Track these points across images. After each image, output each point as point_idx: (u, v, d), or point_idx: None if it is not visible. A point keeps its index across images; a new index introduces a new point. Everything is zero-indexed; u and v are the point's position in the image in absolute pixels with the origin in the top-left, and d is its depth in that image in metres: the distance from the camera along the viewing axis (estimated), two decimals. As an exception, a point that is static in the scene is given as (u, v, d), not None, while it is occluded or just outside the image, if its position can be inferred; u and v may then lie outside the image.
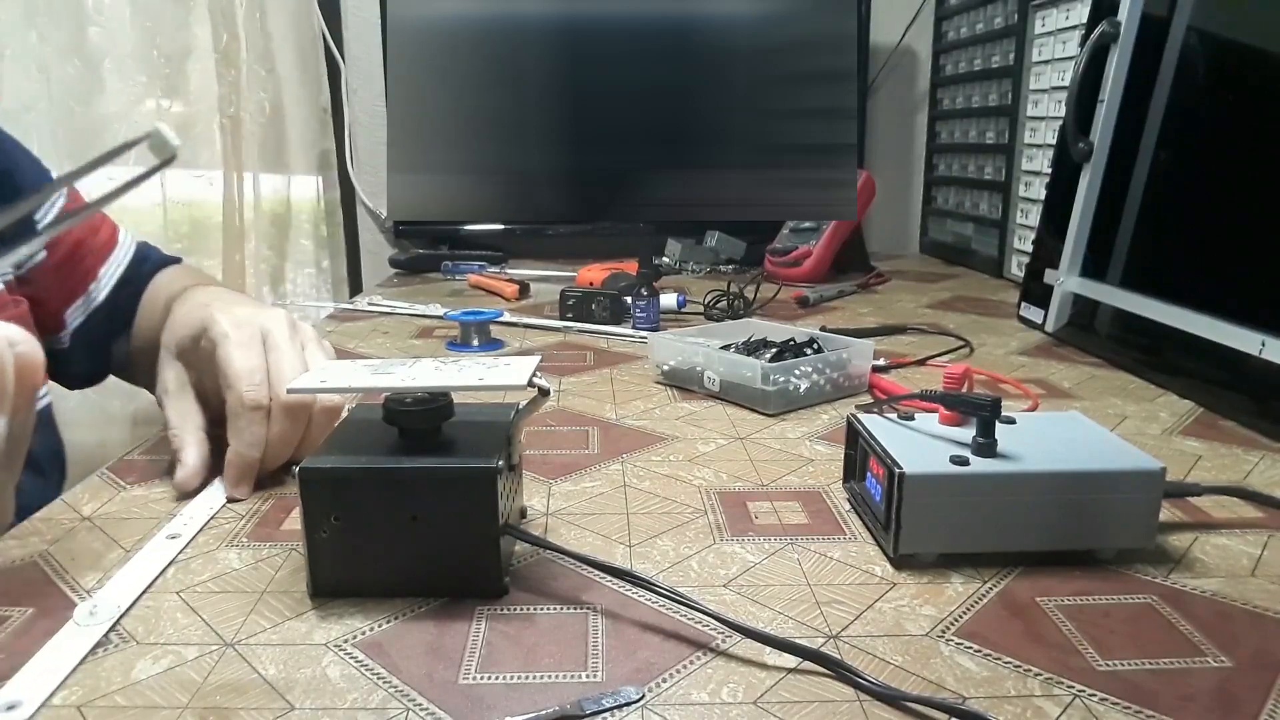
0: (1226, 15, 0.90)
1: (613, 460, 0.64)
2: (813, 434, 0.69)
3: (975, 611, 0.43)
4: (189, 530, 0.52)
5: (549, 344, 1.01)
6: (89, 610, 0.42)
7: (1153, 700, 0.36)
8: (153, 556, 0.48)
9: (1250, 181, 0.80)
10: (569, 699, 0.36)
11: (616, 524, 0.53)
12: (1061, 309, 1.02)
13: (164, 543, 0.50)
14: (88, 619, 0.41)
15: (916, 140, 1.84)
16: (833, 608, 0.44)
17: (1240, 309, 0.74)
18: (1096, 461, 0.48)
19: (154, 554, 0.49)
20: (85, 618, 0.41)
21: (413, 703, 0.36)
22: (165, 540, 0.50)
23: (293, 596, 0.45)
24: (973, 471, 0.47)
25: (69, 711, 0.36)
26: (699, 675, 0.38)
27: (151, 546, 0.50)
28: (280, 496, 0.57)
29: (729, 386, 0.77)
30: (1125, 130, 0.96)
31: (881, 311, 1.19)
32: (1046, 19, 1.29)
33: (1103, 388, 0.82)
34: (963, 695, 0.37)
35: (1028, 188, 1.34)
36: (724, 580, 0.46)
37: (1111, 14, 0.97)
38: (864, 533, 0.52)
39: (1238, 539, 0.51)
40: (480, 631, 0.42)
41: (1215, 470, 0.62)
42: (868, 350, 0.81)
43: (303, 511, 0.43)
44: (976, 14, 1.55)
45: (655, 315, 1.05)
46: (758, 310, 1.17)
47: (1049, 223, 1.11)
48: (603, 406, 0.77)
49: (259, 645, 0.40)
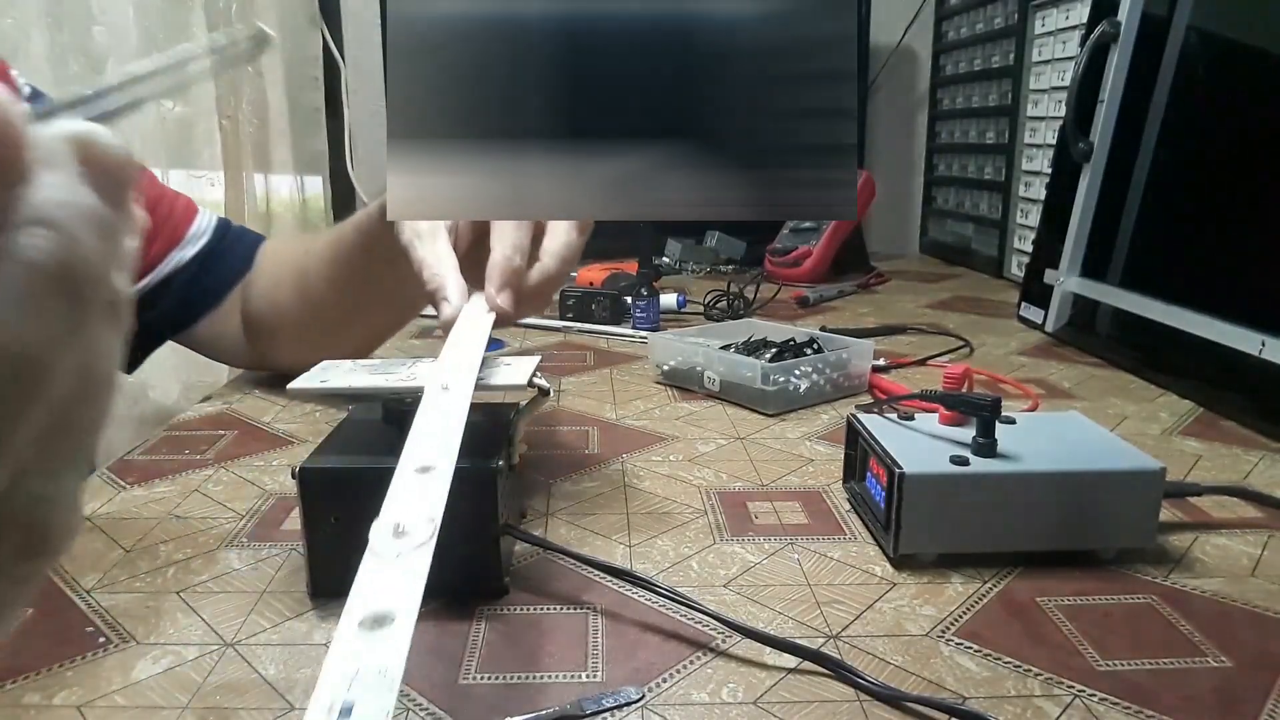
0: (1226, 15, 0.90)
1: (613, 460, 0.64)
2: (813, 434, 0.69)
3: (975, 611, 0.43)
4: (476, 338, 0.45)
5: (549, 344, 1.01)
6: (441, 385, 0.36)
7: (1153, 700, 0.36)
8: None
9: (1250, 181, 0.80)
10: (569, 699, 0.36)
11: (616, 524, 0.53)
12: (1061, 309, 1.02)
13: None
14: (441, 393, 0.36)
15: (916, 140, 1.84)
16: (833, 608, 0.44)
17: (1240, 309, 0.74)
18: (1096, 461, 0.48)
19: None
20: (438, 391, 0.36)
21: (413, 703, 0.36)
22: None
23: (293, 596, 0.45)
24: (973, 471, 0.47)
25: (69, 711, 0.36)
26: (699, 675, 0.38)
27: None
28: (280, 496, 0.57)
29: (729, 386, 0.77)
30: (1125, 130, 0.96)
31: (881, 311, 1.19)
32: (1046, 19, 1.29)
33: (1103, 388, 0.82)
34: (963, 695, 0.37)
35: (1028, 188, 1.34)
36: (724, 580, 0.46)
37: (1111, 14, 0.97)
38: (864, 533, 0.52)
39: (1238, 539, 0.51)
40: (480, 631, 0.42)
41: (1215, 470, 0.62)
42: (868, 350, 0.81)
43: (302, 511, 0.43)
44: (976, 14, 1.55)
45: (655, 315, 1.05)
46: (758, 310, 1.17)
47: (1049, 223, 1.11)
48: (603, 406, 0.77)
49: (259, 645, 0.40)
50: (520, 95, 0.36)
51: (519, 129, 0.37)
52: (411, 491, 0.27)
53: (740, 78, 0.36)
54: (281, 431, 0.70)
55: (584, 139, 0.36)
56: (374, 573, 0.23)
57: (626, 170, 0.36)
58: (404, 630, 0.19)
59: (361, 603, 0.21)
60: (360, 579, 0.23)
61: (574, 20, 0.35)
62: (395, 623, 0.20)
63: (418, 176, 0.37)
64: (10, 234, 0.13)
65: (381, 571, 0.23)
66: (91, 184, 0.14)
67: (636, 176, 0.36)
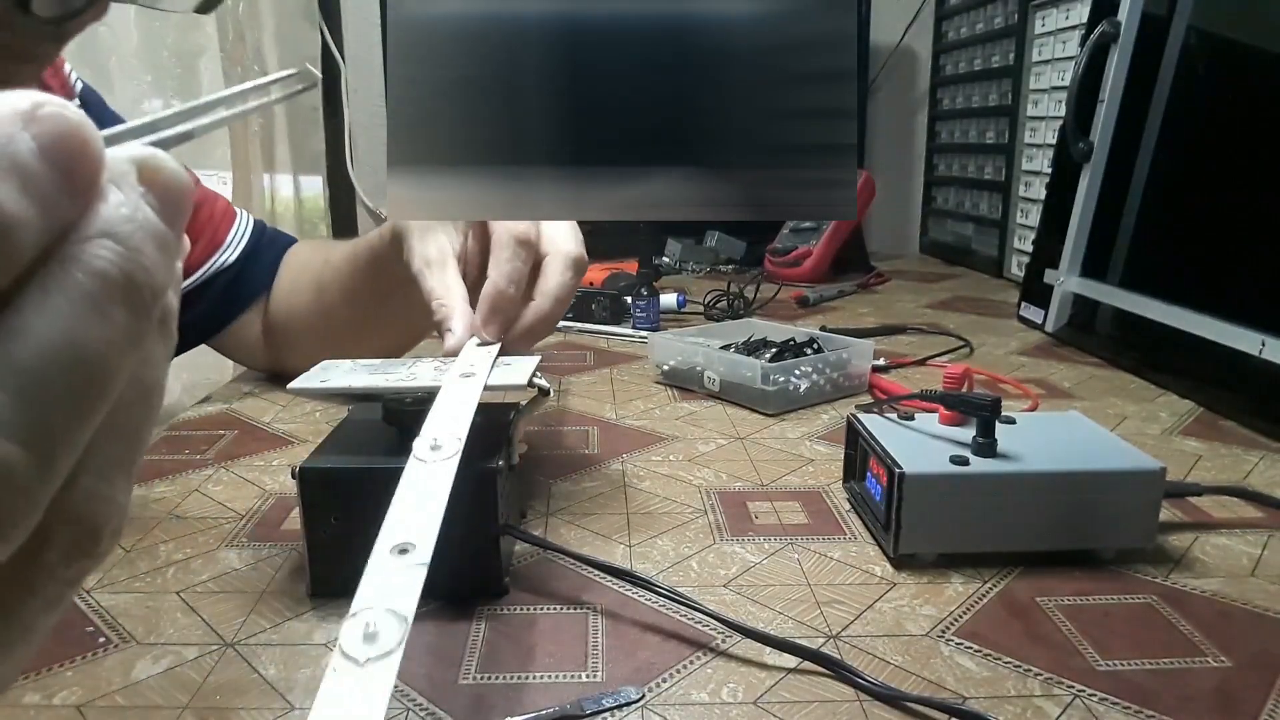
0: (1226, 15, 0.90)
1: (613, 460, 0.64)
2: (813, 434, 0.69)
3: (975, 611, 0.43)
4: (481, 368, 0.45)
5: (549, 344, 1.01)
6: (429, 444, 0.36)
7: (1153, 700, 0.36)
8: (461, 393, 0.42)
9: (1250, 181, 0.80)
10: (569, 699, 0.36)
11: (616, 524, 0.53)
12: (1061, 309, 1.02)
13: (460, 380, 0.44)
14: (429, 454, 0.36)
15: (916, 140, 1.84)
16: (833, 608, 0.44)
17: (1240, 309, 0.74)
18: (1096, 461, 0.48)
19: (459, 391, 0.42)
20: (426, 452, 0.36)
21: (413, 703, 0.36)
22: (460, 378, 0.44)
23: (293, 596, 0.45)
24: (973, 471, 0.47)
25: (69, 711, 0.36)
26: (699, 675, 0.38)
27: (449, 384, 0.43)
28: (280, 496, 0.57)
29: (729, 386, 0.77)
30: (1125, 130, 0.96)
31: (881, 311, 1.19)
32: (1046, 19, 1.29)
33: (1103, 388, 0.82)
34: (963, 695, 0.37)
35: (1028, 188, 1.34)
36: (724, 580, 0.46)
37: (1111, 14, 0.97)
38: (864, 533, 0.52)
39: (1238, 539, 0.51)
40: (480, 631, 0.42)
41: (1215, 470, 0.62)
42: (868, 350, 0.81)
43: (302, 511, 0.43)
44: (976, 14, 1.55)
45: (655, 315, 1.05)
46: (758, 310, 1.17)
47: (1049, 223, 1.11)
48: (603, 406, 0.77)
49: (259, 645, 0.40)
50: (520, 96, 0.36)
51: (519, 129, 0.37)
52: (389, 571, 0.27)
53: (740, 77, 0.36)
54: (281, 431, 0.70)
55: (584, 139, 0.36)
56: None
57: (626, 171, 0.36)
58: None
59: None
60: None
61: (574, 20, 0.35)
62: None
63: (418, 176, 0.37)
64: (81, 246, 0.14)
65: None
66: (152, 204, 0.15)
67: (636, 177, 0.36)
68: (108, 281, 0.14)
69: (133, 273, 0.14)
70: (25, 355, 0.13)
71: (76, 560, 0.15)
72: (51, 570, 0.15)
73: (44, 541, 0.15)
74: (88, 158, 0.14)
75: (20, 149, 0.13)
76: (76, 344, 0.14)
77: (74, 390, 0.14)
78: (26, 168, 0.13)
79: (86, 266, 0.14)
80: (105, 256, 0.14)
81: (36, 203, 0.13)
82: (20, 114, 0.13)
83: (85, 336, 0.14)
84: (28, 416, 0.13)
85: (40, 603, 0.15)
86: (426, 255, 0.54)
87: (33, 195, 0.13)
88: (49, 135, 0.14)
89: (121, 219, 0.14)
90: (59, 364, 0.13)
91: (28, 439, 0.13)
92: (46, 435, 0.13)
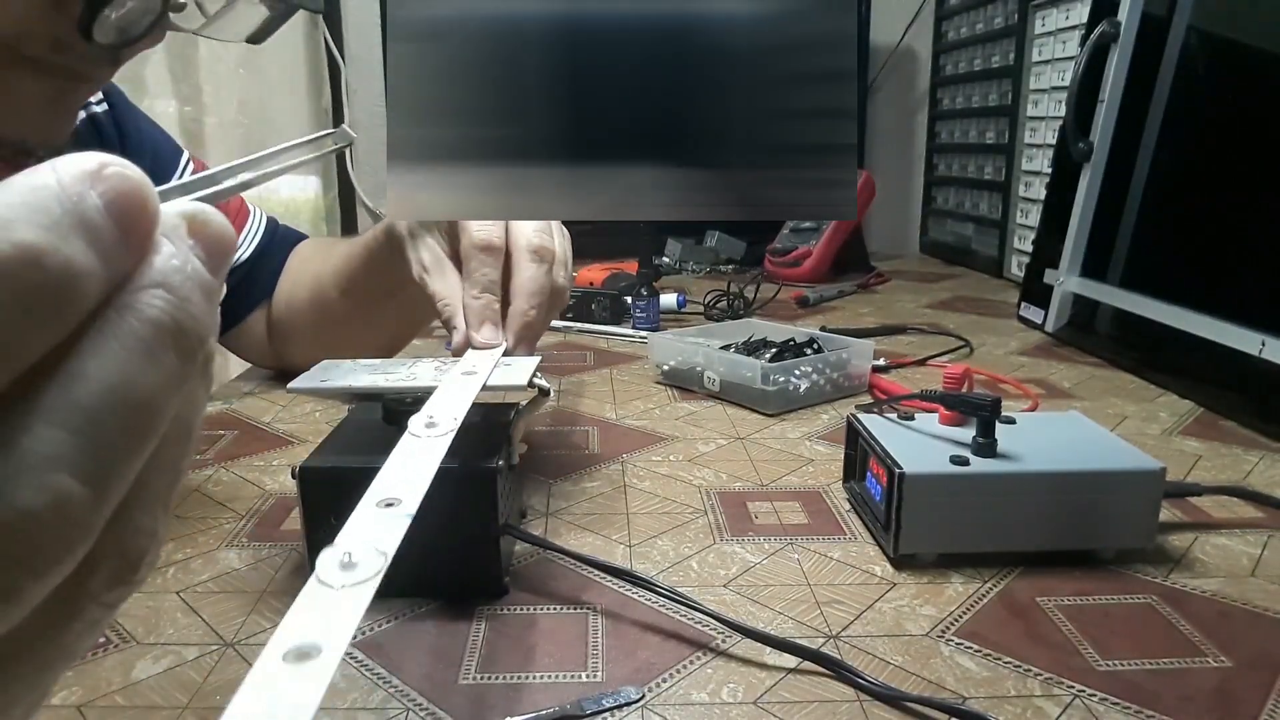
0: (1226, 15, 0.90)
1: (613, 460, 0.64)
2: (813, 434, 0.69)
3: (975, 611, 0.43)
4: (482, 368, 0.46)
5: (549, 344, 1.01)
6: (424, 422, 0.36)
7: (1153, 700, 0.36)
8: (461, 384, 0.42)
9: (1250, 181, 0.80)
10: (569, 699, 0.36)
11: (616, 524, 0.53)
12: (1061, 309, 1.02)
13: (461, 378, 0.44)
14: (424, 430, 0.35)
15: (916, 140, 1.84)
16: (833, 608, 0.44)
17: (1240, 309, 0.74)
18: (1096, 461, 0.48)
19: (459, 382, 0.43)
20: (421, 429, 0.35)
21: (413, 703, 0.36)
22: (462, 376, 0.45)
23: (292, 596, 0.44)
24: (973, 471, 0.47)
25: (69, 711, 0.36)
26: (699, 675, 0.38)
27: (450, 380, 0.44)
28: (280, 496, 0.57)
29: (729, 386, 0.77)
30: (1125, 130, 0.96)
31: (881, 311, 1.19)
32: (1046, 19, 1.29)
33: (1103, 388, 0.82)
34: (963, 695, 0.37)
35: (1028, 188, 1.34)
36: (724, 580, 0.46)
37: (1111, 14, 0.97)
38: (864, 533, 0.52)
39: (1238, 539, 0.51)
40: (480, 631, 0.42)
41: (1215, 470, 0.62)
42: (868, 350, 0.81)
43: (302, 511, 0.43)
44: (976, 14, 1.55)
45: (655, 315, 1.05)
46: (758, 310, 1.17)
47: (1049, 223, 1.11)
48: (603, 406, 0.77)
49: (259, 645, 0.40)
50: (520, 96, 0.36)
51: (519, 130, 0.37)
52: (374, 519, 0.27)
53: (740, 77, 0.36)
54: (281, 431, 0.70)
55: (584, 140, 0.36)
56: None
57: (626, 171, 0.36)
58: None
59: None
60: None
61: (573, 20, 0.35)
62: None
63: (418, 177, 0.37)
64: (136, 294, 0.15)
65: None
66: (200, 255, 0.16)
67: (636, 177, 0.36)
68: (160, 328, 0.15)
69: (183, 320, 0.15)
70: (85, 397, 0.14)
71: (116, 587, 0.16)
72: (94, 596, 0.16)
73: (90, 569, 0.15)
74: (146, 214, 0.15)
75: (89, 207, 0.14)
76: (131, 386, 0.15)
77: (128, 429, 0.15)
78: (94, 224, 0.14)
79: (141, 314, 0.15)
80: (158, 305, 0.15)
81: (100, 256, 0.14)
82: (88, 174, 0.15)
83: (139, 379, 0.15)
84: (86, 454, 0.14)
85: (81, 626, 0.16)
86: (423, 260, 0.56)
87: (98, 249, 0.14)
88: (113, 194, 0.15)
89: (173, 270, 0.15)
90: (115, 405, 0.14)
91: (86, 474, 0.14)
92: (102, 471, 0.14)
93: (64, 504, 0.14)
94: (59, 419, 0.14)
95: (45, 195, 0.14)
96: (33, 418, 0.14)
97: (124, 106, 0.77)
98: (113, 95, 0.74)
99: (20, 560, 0.14)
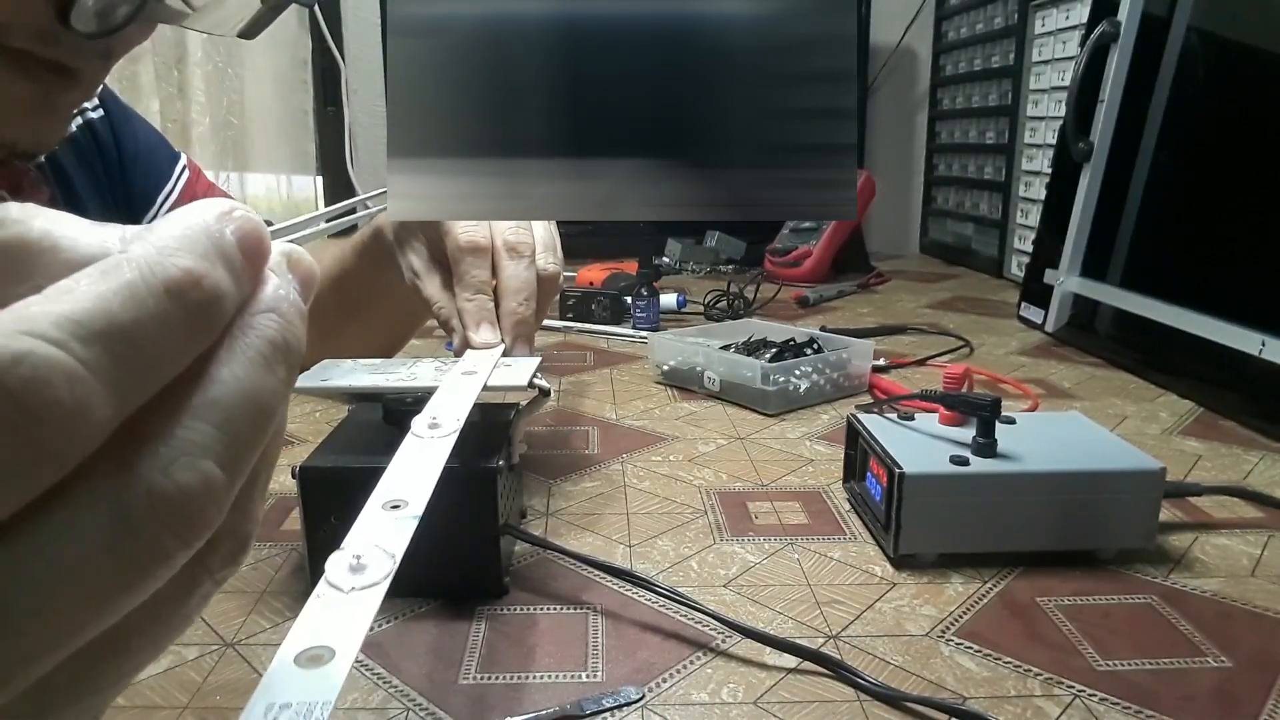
0: (1226, 15, 0.90)
1: (613, 460, 0.64)
2: (813, 434, 0.69)
3: (975, 611, 0.43)
4: (482, 369, 0.46)
5: (549, 344, 1.01)
6: (427, 423, 0.37)
7: (1153, 700, 0.36)
8: (462, 384, 0.42)
9: (1250, 182, 0.80)
10: (569, 699, 0.36)
11: (616, 524, 0.53)
12: (1061, 309, 1.02)
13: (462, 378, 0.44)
14: (427, 431, 0.37)
15: (916, 140, 1.85)
16: (833, 608, 0.44)
17: (1240, 309, 0.74)
18: (1096, 461, 0.48)
19: (460, 382, 0.42)
20: (424, 430, 0.37)
21: (413, 703, 0.36)
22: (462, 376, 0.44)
23: (293, 596, 0.45)
24: (973, 471, 0.47)
25: (69, 711, 0.36)
26: (699, 675, 0.38)
27: (451, 380, 0.43)
28: (280, 496, 0.57)
29: (729, 386, 0.77)
30: (1125, 130, 0.96)
31: (881, 311, 1.19)
32: (1046, 19, 1.29)
33: (1103, 388, 0.82)
34: (963, 695, 0.37)
35: (1028, 188, 1.34)
36: (724, 580, 0.46)
37: (1111, 14, 0.98)
38: (864, 533, 0.52)
39: (1238, 539, 0.51)
40: (480, 631, 0.42)
41: (1215, 470, 0.62)
42: (868, 350, 0.81)
43: (302, 511, 0.43)
44: (976, 14, 1.55)
45: (655, 315, 1.05)
46: (758, 310, 1.17)
47: (1049, 223, 1.11)
48: (603, 406, 0.77)
49: (259, 645, 0.40)
50: (519, 96, 0.36)
51: (518, 130, 0.37)
52: (380, 522, 0.27)
53: (739, 77, 0.36)
54: (281, 431, 0.70)
55: (583, 139, 0.36)
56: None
57: (626, 171, 0.36)
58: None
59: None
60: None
61: (573, 19, 0.35)
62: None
63: (417, 174, 0.37)
64: (254, 317, 0.18)
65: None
66: (295, 287, 0.20)
67: (636, 177, 0.36)
68: (275, 345, 0.18)
69: (290, 339, 0.19)
70: (224, 398, 0.17)
71: (229, 565, 0.19)
72: (211, 572, 0.18)
73: (213, 548, 0.18)
74: (263, 249, 0.19)
75: (227, 242, 0.18)
76: (257, 391, 0.18)
77: (255, 425, 0.18)
78: (231, 255, 0.18)
79: (261, 333, 0.18)
80: (272, 326, 0.18)
81: (235, 281, 0.18)
82: (223, 214, 0.18)
83: (262, 386, 0.18)
84: (225, 445, 0.17)
85: (197, 599, 0.18)
86: (414, 266, 0.58)
87: (234, 275, 0.18)
88: (241, 231, 0.18)
89: (280, 298, 0.19)
90: (245, 405, 0.17)
91: (224, 462, 0.17)
92: (236, 460, 0.17)
93: (211, 485, 0.16)
94: (205, 415, 0.17)
95: (197, 230, 0.17)
96: (184, 414, 0.17)
97: (119, 111, 0.77)
98: (108, 100, 0.75)
99: (176, 532, 0.16)
